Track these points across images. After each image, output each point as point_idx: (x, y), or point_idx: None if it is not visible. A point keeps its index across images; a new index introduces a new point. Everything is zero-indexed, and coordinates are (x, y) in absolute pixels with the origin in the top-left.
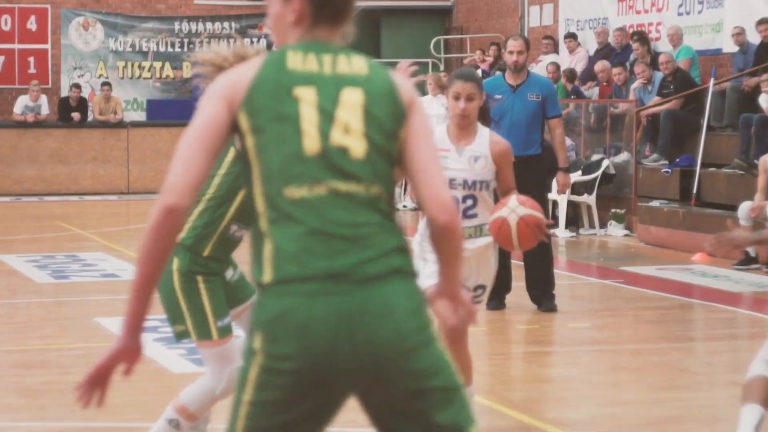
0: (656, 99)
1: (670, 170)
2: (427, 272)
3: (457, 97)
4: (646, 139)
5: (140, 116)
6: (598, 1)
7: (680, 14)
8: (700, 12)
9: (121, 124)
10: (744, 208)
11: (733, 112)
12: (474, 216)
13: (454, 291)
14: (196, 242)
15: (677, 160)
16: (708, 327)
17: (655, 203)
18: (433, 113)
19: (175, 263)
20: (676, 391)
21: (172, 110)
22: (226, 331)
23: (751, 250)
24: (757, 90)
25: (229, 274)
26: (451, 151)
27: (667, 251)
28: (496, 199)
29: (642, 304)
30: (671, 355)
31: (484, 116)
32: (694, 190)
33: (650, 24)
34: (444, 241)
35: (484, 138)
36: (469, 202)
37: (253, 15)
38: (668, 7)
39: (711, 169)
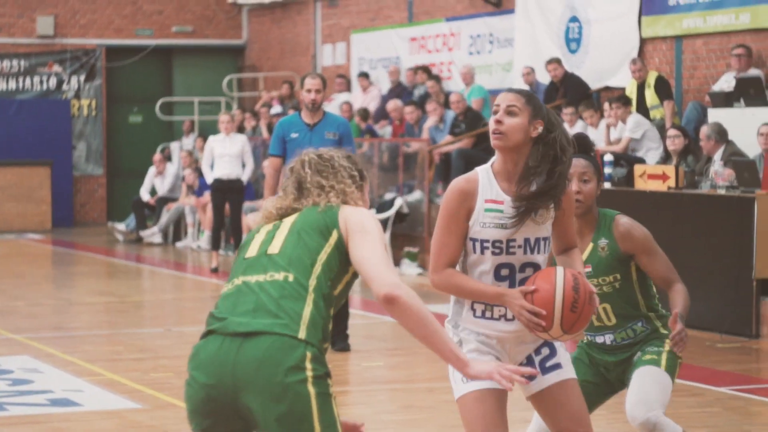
0: (448, 138)
1: None
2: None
3: (495, 112)
4: (439, 178)
5: None
6: (390, 41)
7: (471, 53)
8: (490, 51)
9: None
10: None
11: None
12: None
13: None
14: (324, 337)
15: None
16: None
17: None
18: (225, 152)
19: (309, 369)
20: None
21: None
22: None
23: None
24: None
25: None
26: (506, 203)
27: None
28: None
29: None
30: None
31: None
32: None
33: (442, 63)
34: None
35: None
36: (529, 270)
37: (42, 53)
38: (459, 46)
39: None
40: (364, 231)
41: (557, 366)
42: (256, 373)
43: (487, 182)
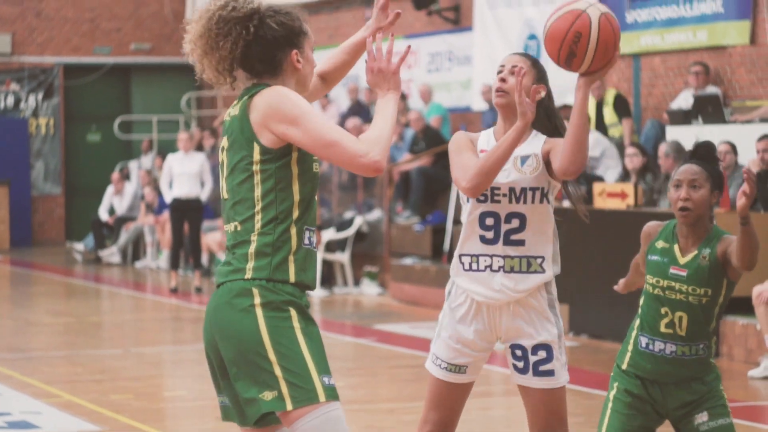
0: (407, 156)
1: (422, 227)
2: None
3: (500, 72)
4: (398, 196)
5: None
6: None
7: (430, 71)
8: (449, 69)
9: None
10: None
11: None
12: (520, 243)
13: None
14: (275, 270)
15: (429, 216)
16: None
17: (408, 261)
18: (184, 171)
19: (257, 295)
20: None
21: None
22: (333, 394)
23: None
24: None
25: None
26: None
27: (419, 309)
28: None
29: (396, 362)
30: None
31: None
32: (446, 247)
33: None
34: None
35: (539, 139)
36: (515, 222)
37: None
38: (418, 64)
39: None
40: (293, 122)
41: (550, 373)
42: (214, 316)
43: (485, 140)
